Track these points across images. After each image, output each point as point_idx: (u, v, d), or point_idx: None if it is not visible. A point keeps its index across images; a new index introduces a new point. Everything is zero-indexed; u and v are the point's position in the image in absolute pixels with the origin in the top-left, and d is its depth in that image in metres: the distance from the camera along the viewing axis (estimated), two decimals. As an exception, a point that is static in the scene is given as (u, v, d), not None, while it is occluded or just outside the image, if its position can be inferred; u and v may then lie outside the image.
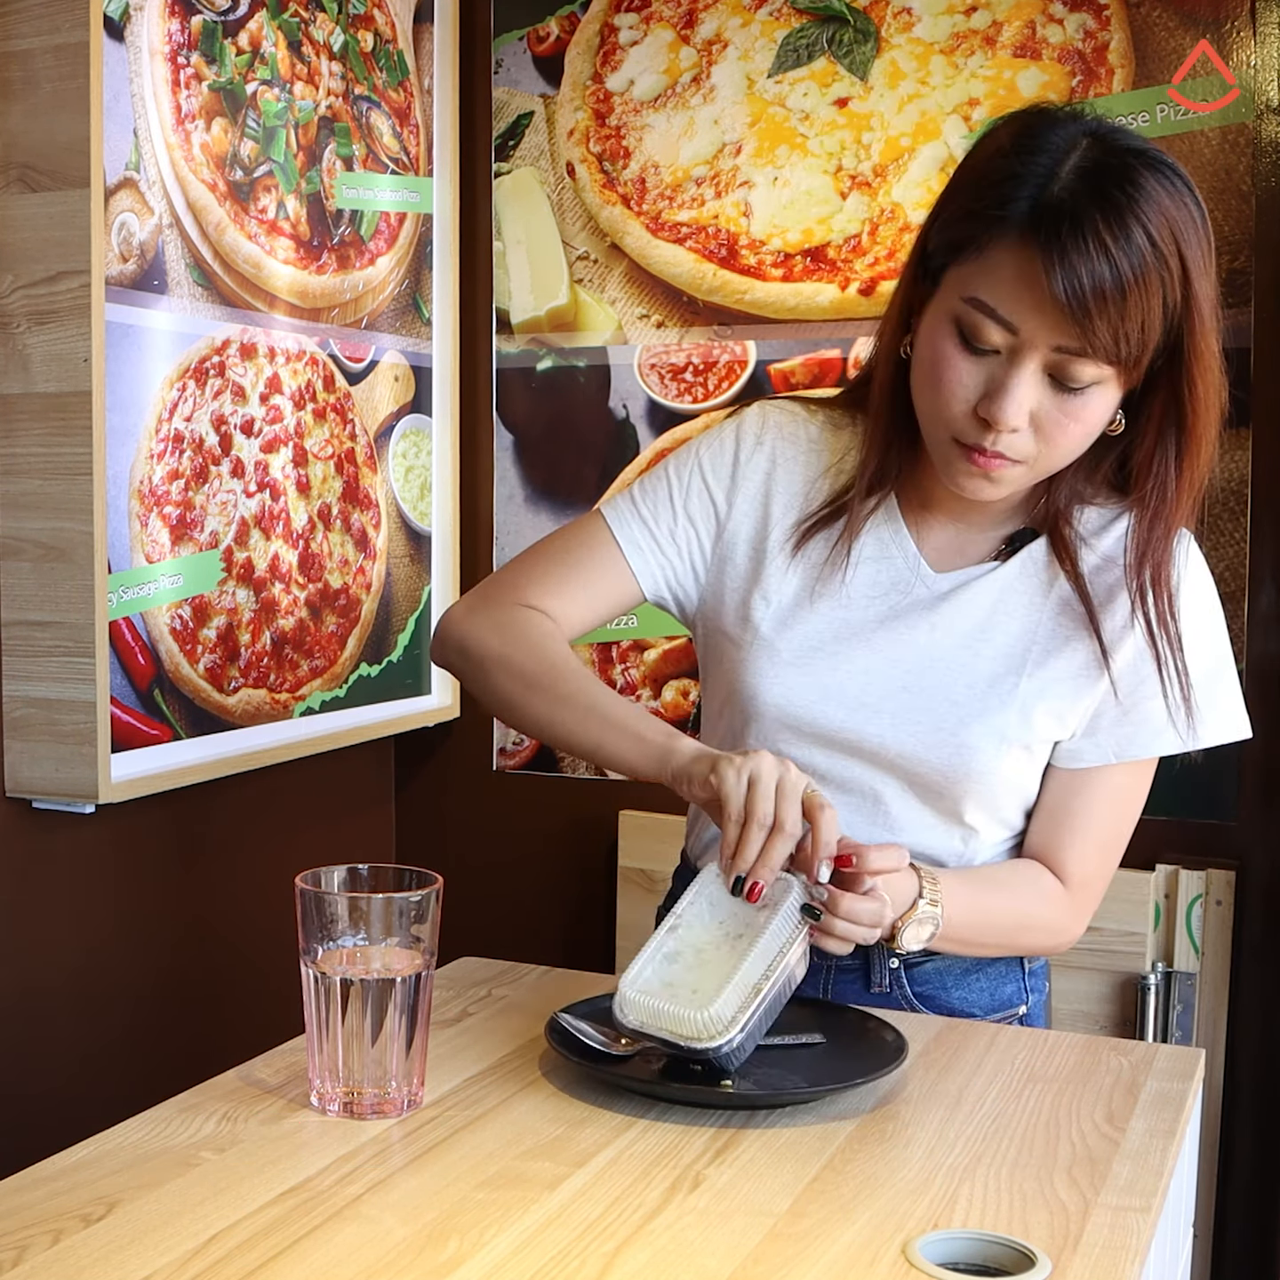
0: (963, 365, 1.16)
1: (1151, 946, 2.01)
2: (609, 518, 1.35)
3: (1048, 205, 1.11)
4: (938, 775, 1.28)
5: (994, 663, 1.28)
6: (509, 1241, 0.89)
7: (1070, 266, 1.09)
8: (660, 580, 1.35)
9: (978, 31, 2.08)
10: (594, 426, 2.32)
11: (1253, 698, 2.01)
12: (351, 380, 2.18)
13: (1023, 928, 1.32)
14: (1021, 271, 1.12)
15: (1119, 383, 1.16)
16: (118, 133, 1.75)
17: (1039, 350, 1.14)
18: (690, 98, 2.23)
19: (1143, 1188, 0.97)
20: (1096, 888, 1.33)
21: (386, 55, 2.21)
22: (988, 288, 1.14)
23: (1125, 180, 1.11)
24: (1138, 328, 1.11)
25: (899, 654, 1.29)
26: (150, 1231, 0.89)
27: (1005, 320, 1.13)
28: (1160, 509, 1.23)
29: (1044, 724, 1.28)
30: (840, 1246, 0.89)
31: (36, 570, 1.74)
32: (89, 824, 1.83)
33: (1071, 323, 1.11)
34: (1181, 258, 1.12)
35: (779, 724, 1.31)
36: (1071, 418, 1.16)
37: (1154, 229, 1.11)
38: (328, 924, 1.07)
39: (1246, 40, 1.96)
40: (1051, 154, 1.13)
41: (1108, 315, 1.10)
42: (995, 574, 1.29)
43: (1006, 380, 1.14)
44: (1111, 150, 1.13)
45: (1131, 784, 1.32)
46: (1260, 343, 1.97)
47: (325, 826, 2.30)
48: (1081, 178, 1.12)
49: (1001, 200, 1.13)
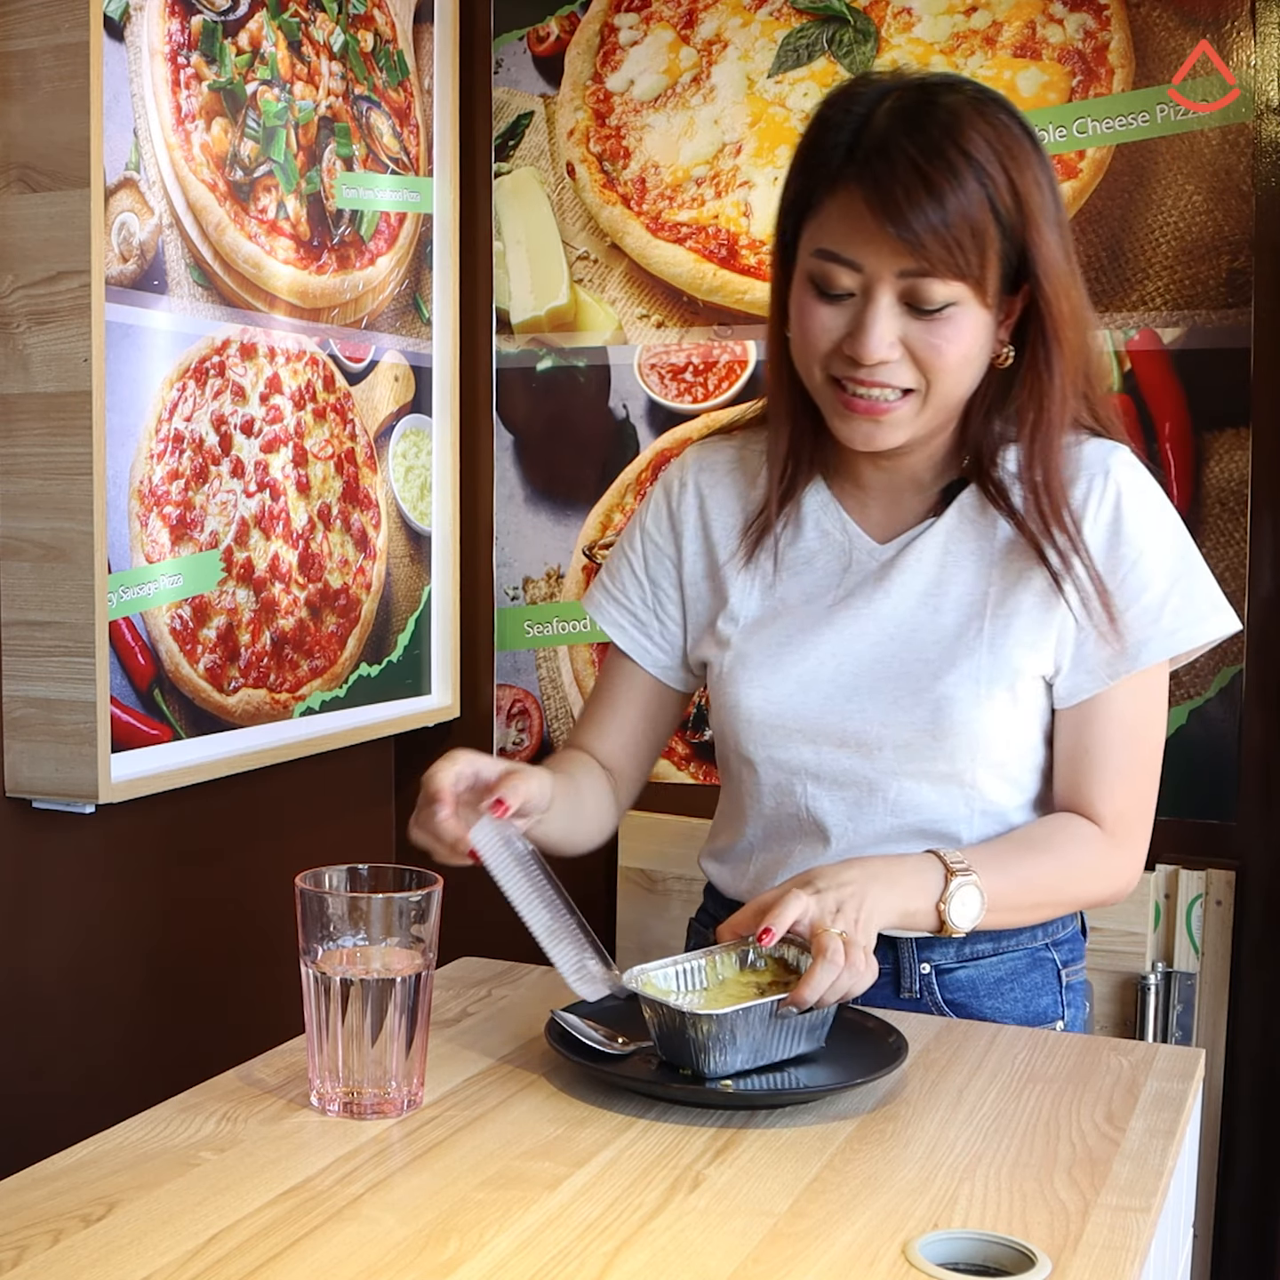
0: (823, 311, 1.21)
1: (1151, 946, 2.01)
2: (593, 614, 1.45)
3: (860, 145, 1.17)
4: (925, 736, 1.28)
5: (956, 613, 1.29)
6: (509, 1241, 0.89)
7: (886, 191, 1.15)
8: (654, 652, 1.42)
9: (978, 31, 2.08)
10: (594, 426, 2.32)
11: (1253, 698, 2.02)
12: (351, 380, 2.18)
13: (1069, 877, 1.29)
14: (851, 211, 1.18)
15: (980, 301, 1.19)
16: (118, 133, 1.75)
17: (886, 281, 1.18)
18: (690, 98, 2.23)
19: (1143, 1188, 0.97)
20: (1134, 821, 1.30)
21: (386, 55, 2.21)
22: (828, 236, 1.20)
23: (933, 107, 1.17)
24: (967, 235, 1.15)
25: (861, 628, 1.31)
26: (150, 1231, 0.89)
27: (848, 260, 1.19)
28: (1039, 418, 1.25)
29: (1019, 657, 1.27)
30: (840, 1246, 0.89)
31: (36, 570, 1.74)
32: (89, 824, 1.83)
33: (903, 245, 1.15)
34: (1004, 167, 1.16)
35: (766, 727, 1.33)
36: (940, 339, 1.19)
37: (965, 142, 1.15)
38: (328, 924, 1.07)
39: (1246, 40, 1.96)
40: (865, 103, 1.20)
41: (932, 228, 1.15)
42: (935, 529, 1.31)
43: (864, 316, 1.19)
44: (923, 88, 1.19)
45: (1137, 704, 1.29)
46: (1260, 343, 1.97)
47: (325, 826, 2.29)
48: (891, 115, 1.18)
49: (824, 153, 1.20)
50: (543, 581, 2.37)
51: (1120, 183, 2.02)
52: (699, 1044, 1.08)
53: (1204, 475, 2.01)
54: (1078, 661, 1.28)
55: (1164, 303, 2.01)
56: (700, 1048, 1.08)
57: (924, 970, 1.32)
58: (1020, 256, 1.20)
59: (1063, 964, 1.37)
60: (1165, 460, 2.03)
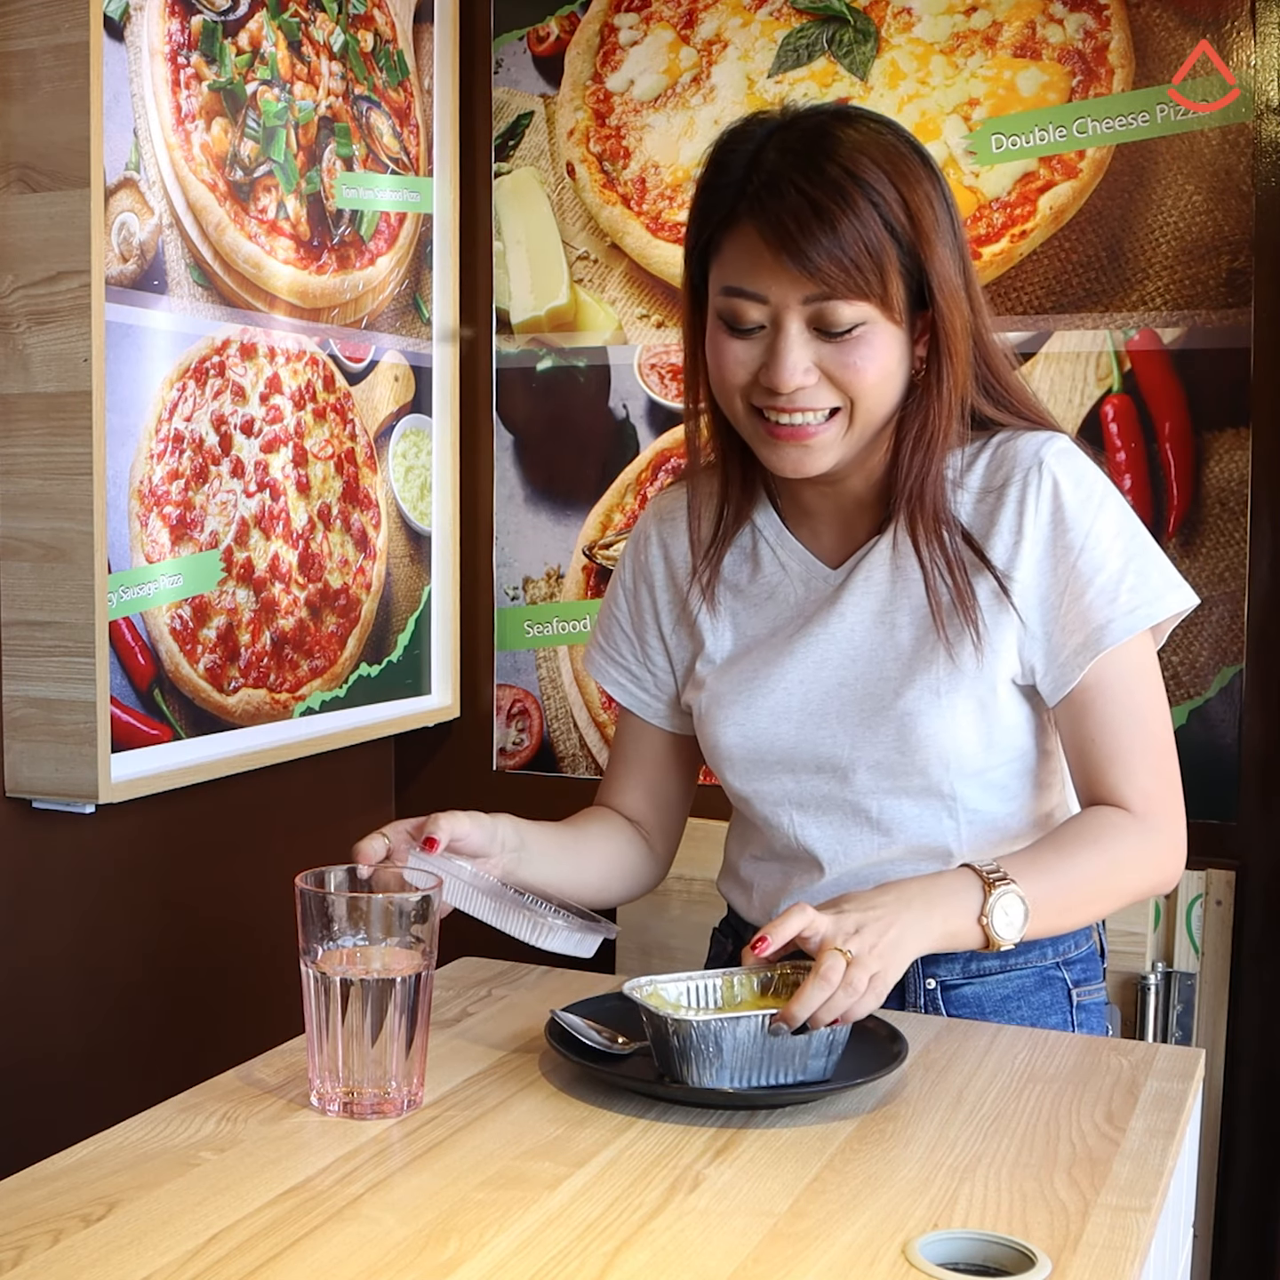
0: (736, 346, 1.23)
1: (1151, 946, 2.01)
2: (594, 677, 1.48)
3: (751, 181, 1.20)
4: (894, 754, 1.28)
5: (912, 628, 1.29)
6: (509, 1241, 0.89)
7: (779, 224, 1.17)
8: (653, 704, 1.44)
9: (978, 31, 2.08)
10: (594, 426, 2.32)
11: (1253, 698, 2.02)
12: (351, 380, 2.18)
13: (1112, 869, 1.25)
14: (750, 246, 1.20)
15: (888, 318, 1.20)
16: (118, 133, 1.75)
17: (792, 309, 1.20)
18: (690, 98, 2.23)
19: (1143, 1188, 0.97)
20: (1164, 799, 1.27)
21: (386, 55, 2.21)
22: (731, 273, 1.22)
23: (817, 135, 1.20)
24: (864, 255, 1.17)
25: (823, 654, 1.31)
26: (150, 1231, 0.89)
27: (753, 294, 1.21)
28: (922, 430, 1.25)
29: (977, 668, 1.26)
30: (840, 1246, 0.89)
31: (36, 570, 1.74)
32: (89, 824, 1.83)
33: (802, 273, 1.17)
34: (894, 185, 1.18)
35: (746, 763, 1.34)
36: (854, 358, 1.20)
37: (851, 165, 1.18)
38: (328, 924, 1.07)
39: (1246, 40, 1.96)
40: (755, 140, 1.22)
41: (828, 253, 1.17)
42: (880, 547, 1.31)
43: (776, 346, 1.21)
44: (804, 118, 1.22)
45: (1128, 683, 1.27)
46: (1260, 343, 1.97)
47: (325, 826, 2.29)
48: (778, 148, 1.20)
49: (718, 193, 1.23)
50: (543, 581, 2.37)
51: (1120, 183, 2.03)
52: (680, 1051, 1.07)
53: (1204, 475, 2.01)
54: (1050, 657, 1.27)
55: (1164, 303, 2.01)
56: (682, 1055, 1.07)
57: (929, 985, 1.32)
58: (921, 271, 1.21)
59: (1074, 983, 1.35)
60: (1165, 460, 2.03)
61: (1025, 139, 2.06)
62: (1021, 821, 1.33)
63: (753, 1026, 1.07)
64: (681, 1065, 1.07)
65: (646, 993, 1.12)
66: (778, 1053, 1.08)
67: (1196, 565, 2.02)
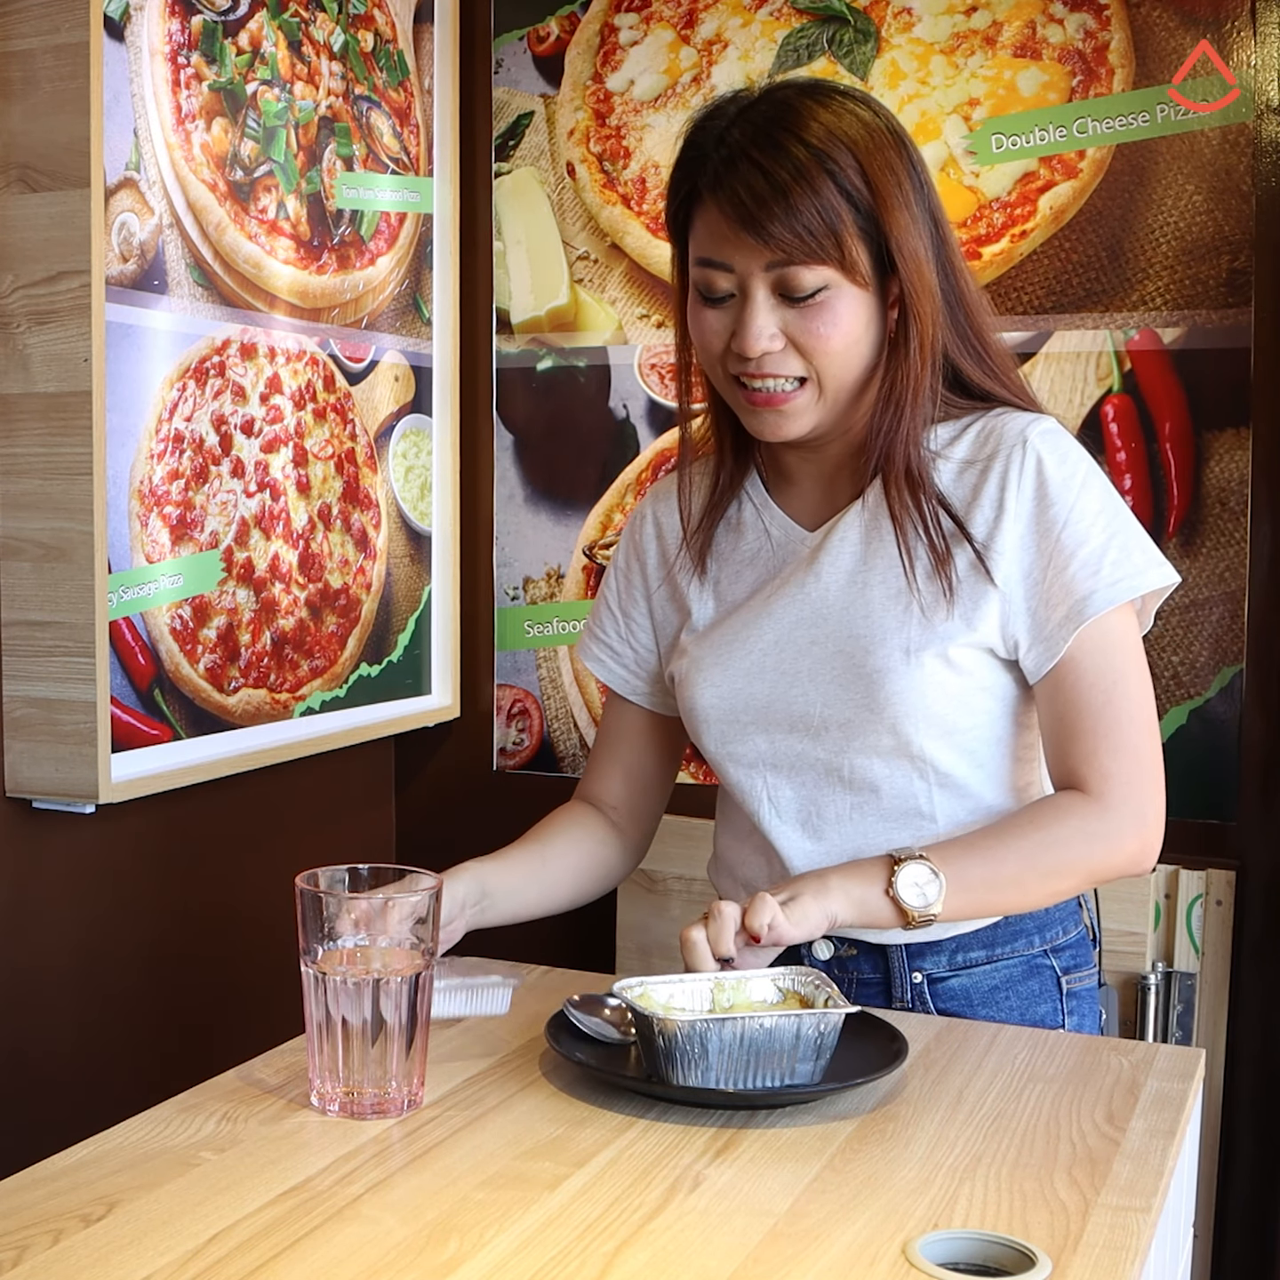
0: (710, 315, 1.28)
1: (1151, 946, 2.01)
2: (580, 658, 1.52)
3: (713, 156, 1.25)
4: (864, 711, 1.29)
5: (884, 587, 1.30)
6: (509, 1241, 0.89)
7: (735, 196, 1.22)
8: (632, 681, 1.47)
9: (978, 31, 2.08)
10: (594, 426, 2.32)
11: (1253, 698, 2.02)
12: (352, 380, 2.18)
13: (1048, 843, 1.24)
14: (713, 218, 1.25)
15: (851, 281, 1.24)
16: (118, 133, 1.75)
17: (756, 276, 1.24)
18: (690, 98, 2.23)
19: (1143, 1188, 0.97)
20: (1127, 780, 1.26)
21: (386, 55, 2.21)
22: (701, 245, 1.27)
23: (773, 106, 1.24)
24: (817, 221, 1.21)
25: (797, 613, 1.33)
26: (150, 1231, 0.89)
27: (720, 263, 1.25)
28: (892, 391, 1.28)
29: (949, 628, 1.27)
30: (840, 1246, 0.89)
31: (36, 570, 1.74)
32: (89, 824, 1.83)
33: (757, 241, 1.22)
34: (850, 151, 1.22)
35: (722, 723, 1.36)
36: (820, 323, 1.24)
37: (803, 132, 1.22)
38: (328, 924, 1.07)
39: (1247, 40, 1.96)
40: (723, 118, 1.26)
41: (780, 221, 1.21)
42: (855, 508, 1.33)
43: (743, 313, 1.25)
44: (775, 91, 1.26)
45: (1106, 661, 1.26)
46: (1260, 343, 1.97)
47: (325, 826, 2.29)
48: (739, 123, 1.25)
49: (687, 169, 1.28)
50: (543, 581, 2.37)
51: (1120, 183, 2.02)
52: (665, 1051, 1.07)
53: (1204, 475, 2.01)
54: (1034, 631, 1.27)
55: (1164, 303, 2.01)
56: (666, 1055, 1.07)
57: (915, 979, 1.32)
58: (883, 235, 1.24)
59: (1063, 971, 1.35)
60: (1165, 460, 2.03)
61: (1025, 139, 2.06)
62: (995, 792, 1.32)
63: (739, 1028, 1.07)
64: (666, 1065, 1.07)
65: (636, 994, 1.12)
66: (764, 1055, 1.08)
67: (1196, 565, 2.01)
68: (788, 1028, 1.07)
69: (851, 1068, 1.11)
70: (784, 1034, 1.07)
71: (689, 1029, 1.06)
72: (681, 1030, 1.06)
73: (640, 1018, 1.08)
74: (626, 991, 1.12)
